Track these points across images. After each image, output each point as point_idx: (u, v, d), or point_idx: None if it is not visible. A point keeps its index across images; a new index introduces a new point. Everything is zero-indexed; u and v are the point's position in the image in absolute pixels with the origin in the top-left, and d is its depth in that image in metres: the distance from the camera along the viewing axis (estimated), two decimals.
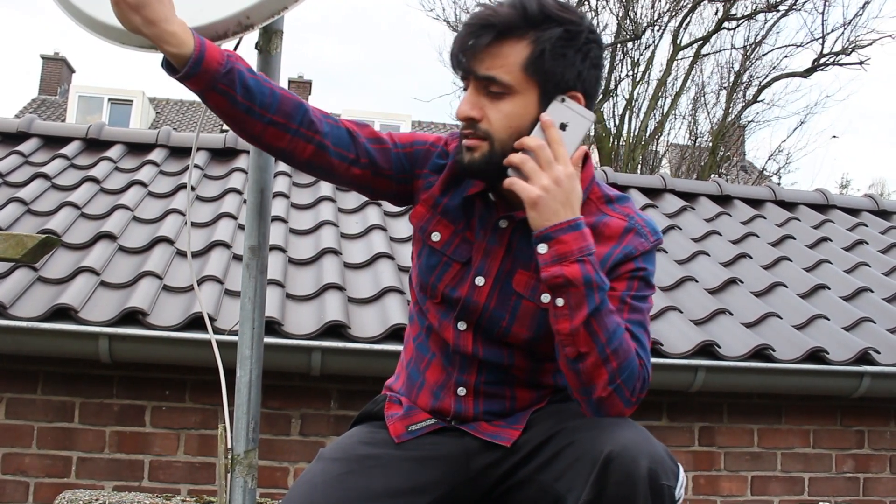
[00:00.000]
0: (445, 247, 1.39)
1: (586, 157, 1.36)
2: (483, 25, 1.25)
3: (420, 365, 1.45)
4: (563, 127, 1.26)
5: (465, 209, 1.39)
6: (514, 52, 1.25)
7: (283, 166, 4.67)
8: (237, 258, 3.75)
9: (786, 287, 4.19)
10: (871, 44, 12.47)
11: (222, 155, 5.10)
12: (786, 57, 18.58)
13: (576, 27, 1.26)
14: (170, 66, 1.31)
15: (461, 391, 1.39)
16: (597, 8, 12.70)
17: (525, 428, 1.36)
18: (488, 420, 1.39)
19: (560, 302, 1.22)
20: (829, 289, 4.26)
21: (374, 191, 1.45)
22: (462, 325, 1.39)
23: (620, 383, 1.23)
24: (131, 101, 21.07)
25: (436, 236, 1.40)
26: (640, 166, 12.43)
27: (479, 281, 1.37)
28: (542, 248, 1.23)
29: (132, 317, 3.20)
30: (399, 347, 1.56)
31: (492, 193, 1.37)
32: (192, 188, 4.47)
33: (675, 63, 12.69)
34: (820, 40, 12.69)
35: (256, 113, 1.32)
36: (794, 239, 4.96)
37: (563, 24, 1.25)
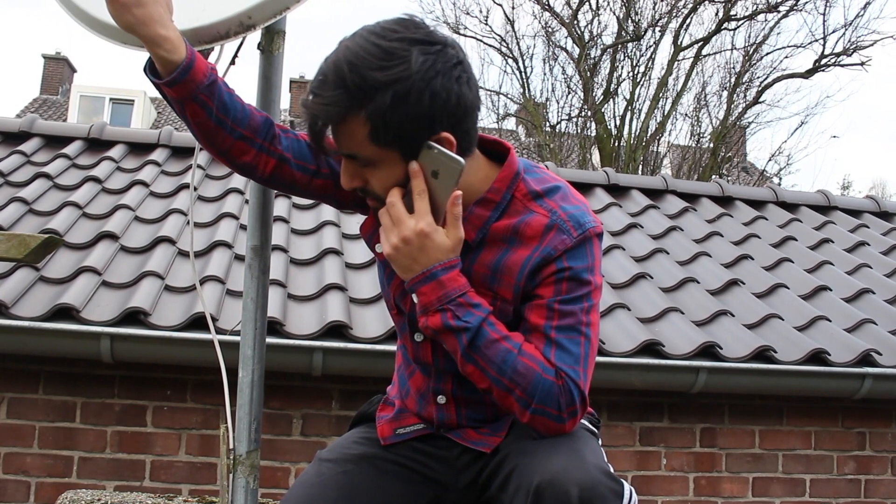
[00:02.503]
0: None
1: (508, 152, 1.33)
2: (316, 117, 1.20)
3: (406, 372, 1.47)
4: (435, 174, 1.22)
5: None
6: (357, 130, 1.19)
7: None
8: (239, 258, 3.75)
9: (787, 288, 4.19)
10: (872, 44, 12.50)
11: None
12: (786, 58, 18.66)
13: (403, 83, 1.15)
14: (153, 72, 1.31)
15: (441, 399, 1.39)
16: (597, 9, 12.73)
17: (507, 433, 1.36)
18: (474, 427, 1.39)
19: (447, 346, 1.26)
20: (831, 290, 4.25)
21: (339, 201, 1.46)
22: (419, 337, 1.39)
23: (537, 406, 1.20)
24: (133, 100, 21.09)
25: (379, 247, 1.39)
26: (640, 167, 12.43)
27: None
28: (415, 298, 1.27)
29: (134, 317, 3.20)
30: None
31: None
32: (195, 188, 4.49)
33: (675, 64, 12.69)
34: (821, 41, 12.71)
35: (228, 127, 1.34)
36: (796, 240, 4.95)
37: (389, 88, 1.15)
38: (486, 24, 14.08)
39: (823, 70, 12.74)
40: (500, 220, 1.30)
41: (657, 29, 12.57)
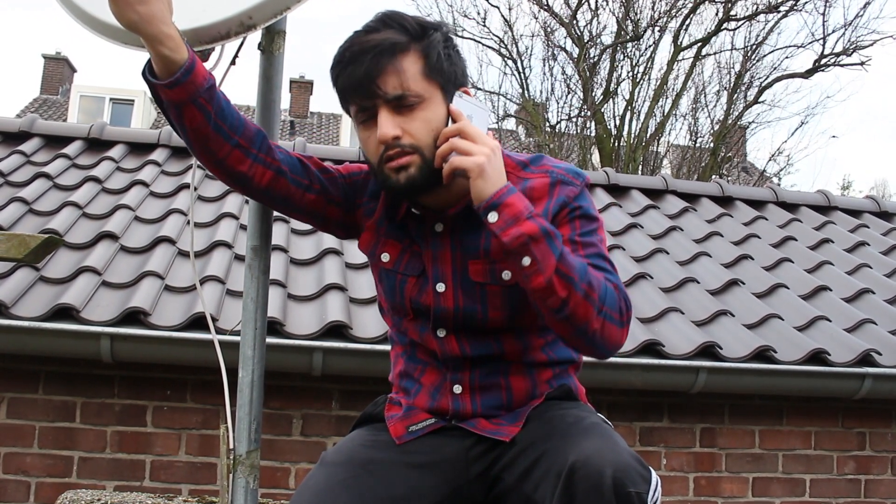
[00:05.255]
0: (397, 265, 1.43)
1: None
2: (376, 52, 1.28)
3: (413, 374, 1.47)
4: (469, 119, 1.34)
5: (403, 229, 1.44)
6: (411, 65, 1.30)
7: None
8: (239, 258, 3.75)
9: (787, 288, 4.19)
10: (872, 44, 12.50)
11: None
12: (786, 58, 18.61)
13: (444, 30, 1.35)
14: (152, 73, 1.30)
15: (457, 389, 1.41)
16: (596, 8, 12.72)
17: (523, 425, 1.36)
18: (488, 416, 1.39)
19: (527, 261, 1.24)
20: (831, 290, 4.25)
21: (326, 219, 1.49)
22: (441, 332, 1.40)
23: (606, 310, 1.28)
24: (133, 100, 21.09)
25: (385, 257, 1.43)
26: (640, 167, 12.43)
27: (440, 287, 1.39)
28: (492, 217, 1.25)
29: (134, 317, 3.20)
30: None
31: (414, 208, 1.41)
32: (195, 188, 4.49)
33: (675, 64, 12.69)
34: (821, 41, 12.71)
35: (225, 133, 1.35)
36: (796, 240, 4.95)
37: (438, 29, 1.34)
38: (484, 26, 14.03)
39: (823, 70, 12.74)
40: None
41: (657, 29, 12.57)
